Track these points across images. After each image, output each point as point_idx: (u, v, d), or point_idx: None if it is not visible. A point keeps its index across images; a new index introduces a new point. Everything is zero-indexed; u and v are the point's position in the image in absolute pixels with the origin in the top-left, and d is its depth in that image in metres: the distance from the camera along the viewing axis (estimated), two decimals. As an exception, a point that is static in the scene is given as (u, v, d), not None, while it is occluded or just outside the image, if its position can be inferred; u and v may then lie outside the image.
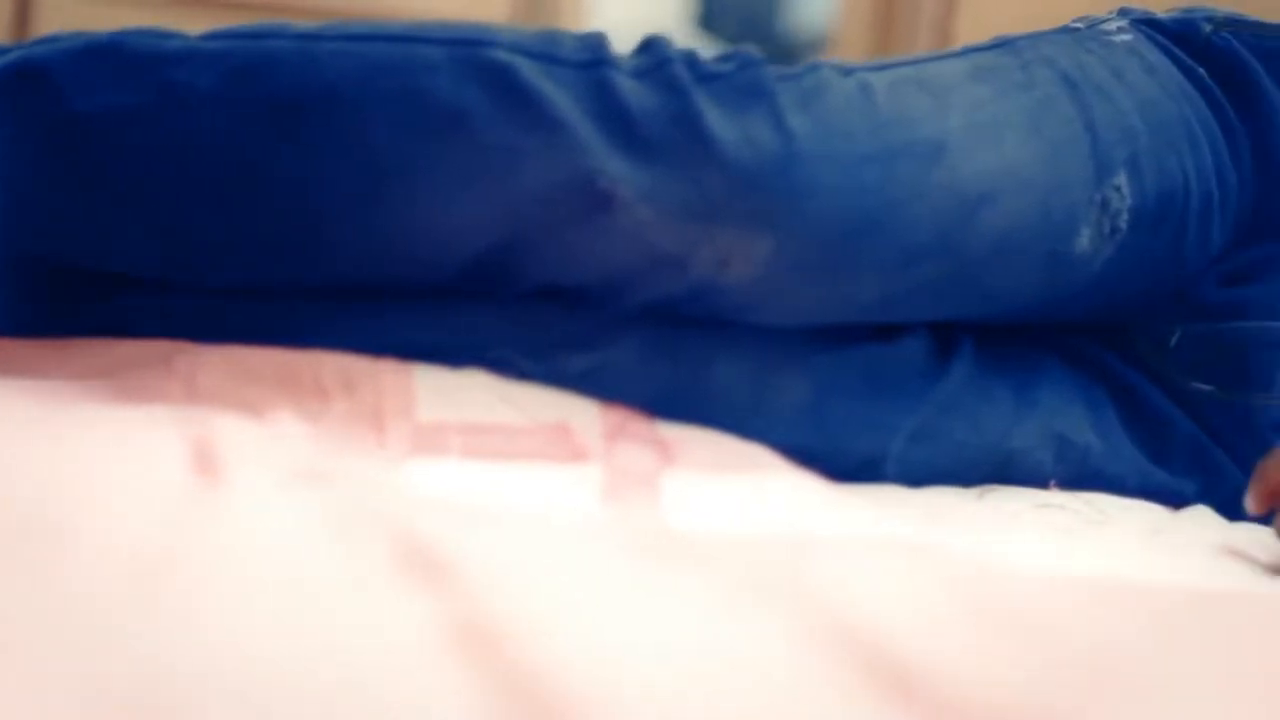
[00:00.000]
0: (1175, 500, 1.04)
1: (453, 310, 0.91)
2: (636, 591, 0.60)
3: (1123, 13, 1.13)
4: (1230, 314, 1.07)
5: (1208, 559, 0.86)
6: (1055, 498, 0.97)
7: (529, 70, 0.87)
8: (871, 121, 0.91)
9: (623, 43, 0.91)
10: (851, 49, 3.23)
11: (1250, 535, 0.92)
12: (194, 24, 0.97)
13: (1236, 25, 1.11)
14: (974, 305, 0.99)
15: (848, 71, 0.94)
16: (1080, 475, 1.03)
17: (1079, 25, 1.10)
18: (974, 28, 3.43)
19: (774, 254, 0.87)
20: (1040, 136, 0.97)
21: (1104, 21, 1.10)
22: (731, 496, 0.80)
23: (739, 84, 0.88)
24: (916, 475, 0.97)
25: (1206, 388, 1.07)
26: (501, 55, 0.87)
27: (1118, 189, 0.99)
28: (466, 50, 0.88)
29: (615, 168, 0.85)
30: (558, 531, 0.66)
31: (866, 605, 0.59)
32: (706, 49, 0.91)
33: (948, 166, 0.92)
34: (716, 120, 0.86)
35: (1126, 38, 1.08)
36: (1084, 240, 0.99)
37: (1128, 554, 0.84)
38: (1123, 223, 1.00)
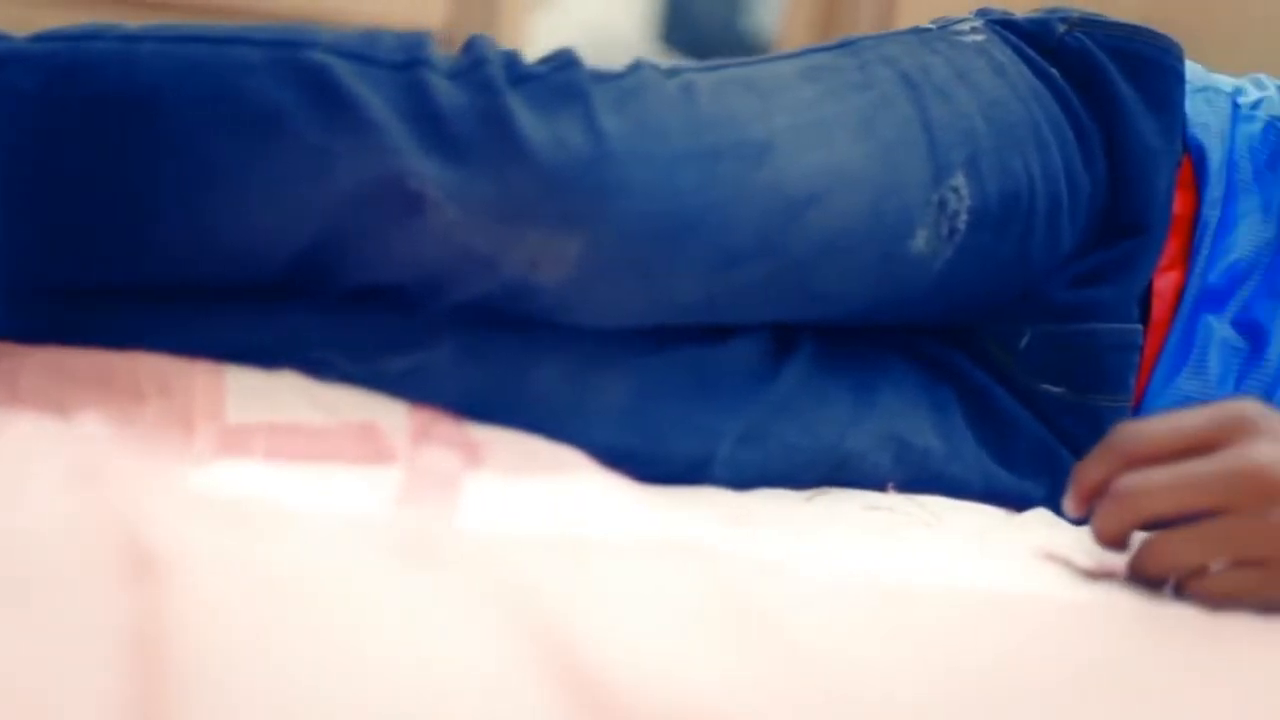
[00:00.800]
0: (1021, 502, 1.04)
1: (276, 311, 0.91)
2: (380, 597, 0.60)
3: (981, 13, 1.13)
4: (1080, 315, 1.07)
5: (1022, 562, 0.85)
6: (886, 500, 0.96)
7: (344, 71, 0.86)
8: (691, 122, 0.91)
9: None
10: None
11: (1079, 538, 0.91)
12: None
13: (1090, 25, 1.10)
14: (807, 306, 0.98)
15: (673, 72, 0.94)
16: (920, 478, 1.02)
17: (930, 26, 1.09)
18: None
19: (584, 255, 0.87)
20: (873, 137, 0.96)
21: (958, 22, 1.10)
22: (531, 499, 0.79)
23: (553, 85, 0.88)
24: (746, 478, 0.96)
25: (1056, 389, 1.07)
26: (318, 56, 0.87)
27: (955, 190, 0.99)
28: (283, 51, 0.87)
29: (425, 168, 0.85)
30: (312, 532, 0.65)
31: (594, 615, 0.58)
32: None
33: (772, 167, 0.92)
34: (527, 121, 0.86)
35: (979, 38, 1.08)
36: (920, 241, 0.98)
37: (937, 557, 0.84)
38: (961, 224, 1.00)
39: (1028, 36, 1.10)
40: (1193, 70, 1.17)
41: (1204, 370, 1.07)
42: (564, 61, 0.90)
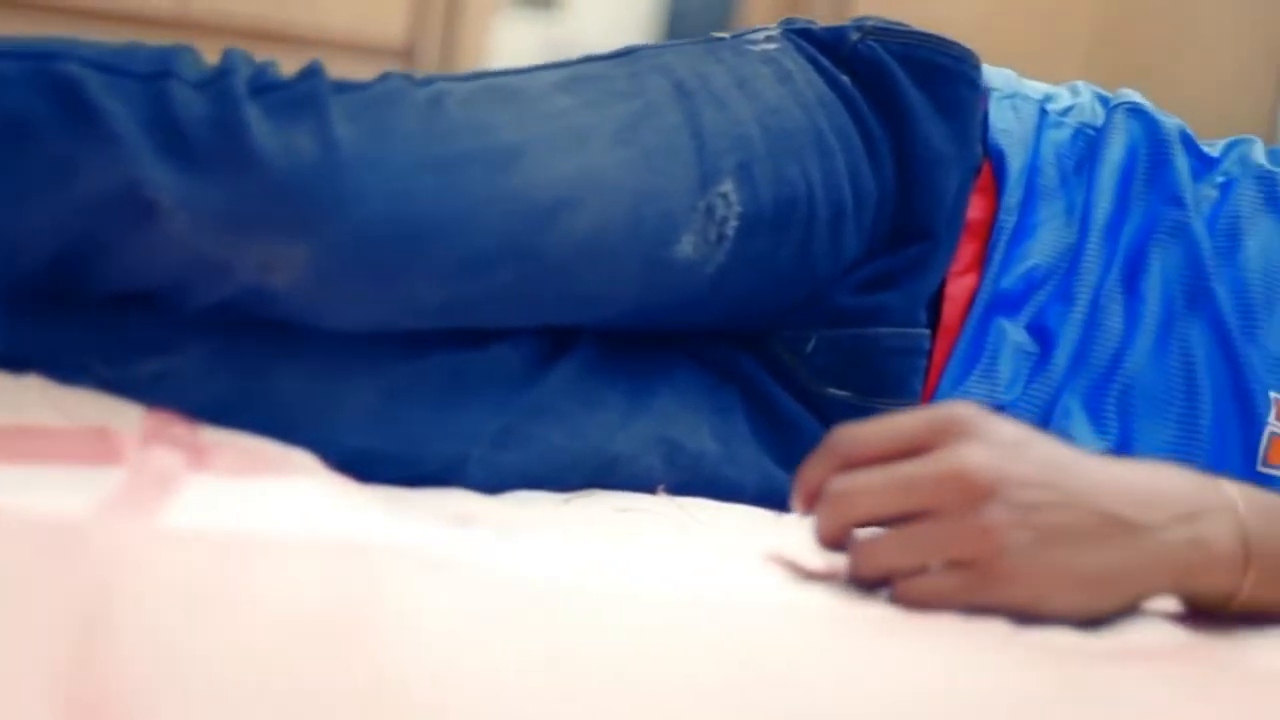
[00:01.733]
0: (802, 505, 1.05)
1: (32, 314, 0.93)
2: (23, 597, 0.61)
3: (785, 23, 1.14)
4: (866, 320, 1.08)
5: (756, 565, 0.86)
6: (641, 502, 0.97)
7: (94, 83, 0.89)
8: (434, 129, 0.92)
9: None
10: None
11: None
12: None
13: (883, 33, 1.11)
14: (572, 310, 1.00)
15: (426, 82, 0.95)
16: (693, 480, 1.03)
17: (724, 35, 1.11)
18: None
19: (314, 260, 0.88)
20: (633, 144, 0.98)
21: (754, 32, 1.11)
22: (244, 500, 0.81)
23: (292, 95, 0.90)
24: (502, 479, 0.97)
25: (841, 393, 1.08)
26: (71, 69, 0.89)
27: (724, 196, 1.00)
28: (39, 64, 0.90)
29: (159, 176, 0.87)
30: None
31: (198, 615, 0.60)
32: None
33: (521, 173, 0.93)
34: (260, 130, 0.88)
35: (770, 47, 1.09)
36: (687, 246, 0.99)
37: (663, 559, 0.85)
38: (730, 230, 1.01)
39: (823, 45, 1.11)
40: (1002, 77, 1.18)
41: (994, 374, 1.08)
42: (308, 72, 0.91)
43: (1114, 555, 0.83)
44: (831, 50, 1.11)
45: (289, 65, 0.93)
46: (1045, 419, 1.07)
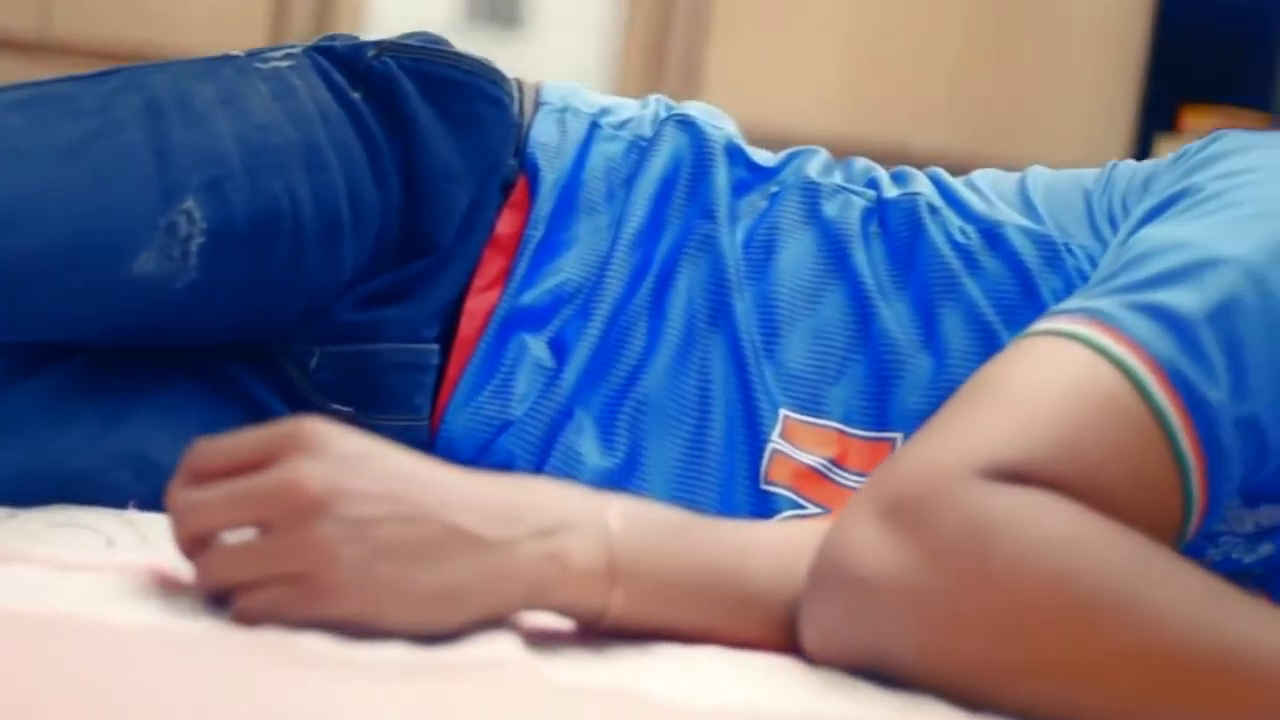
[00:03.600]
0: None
1: None
2: None
3: (327, 39, 1.15)
4: (368, 336, 1.08)
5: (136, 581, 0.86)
6: (90, 517, 0.97)
7: None
8: None
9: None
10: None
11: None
12: None
13: (399, 50, 1.12)
14: (31, 329, 1.00)
15: None
16: (167, 495, 1.03)
17: (236, 54, 1.11)
18: (725, 58, 3.45)
19: None
20: (81, 163, 0.99)
21: (272, 50, 1.12)
22: None
23: None
24: None
25: (345, 409, 1.08)
26: None
27: (187, 213, 1.01)
28: None
29: None
30: None
31: None
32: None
33: None
34: None
35: (282, 64, 1.10)
36: (148, 264, 1.00)
37: (56, 577, 0.85)
38: (195, 246, 1.01)
39: (340, 62, 1.11)
40: (558, 90, 1.18)
41: (508, 390, 1.08)
42: None
43: (458, 569, 0.82)
44: (348, 66, 1.11)
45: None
46: (554, 434, 1.07)
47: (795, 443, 1.06)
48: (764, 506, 1.05)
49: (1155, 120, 2.70)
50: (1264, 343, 0.88)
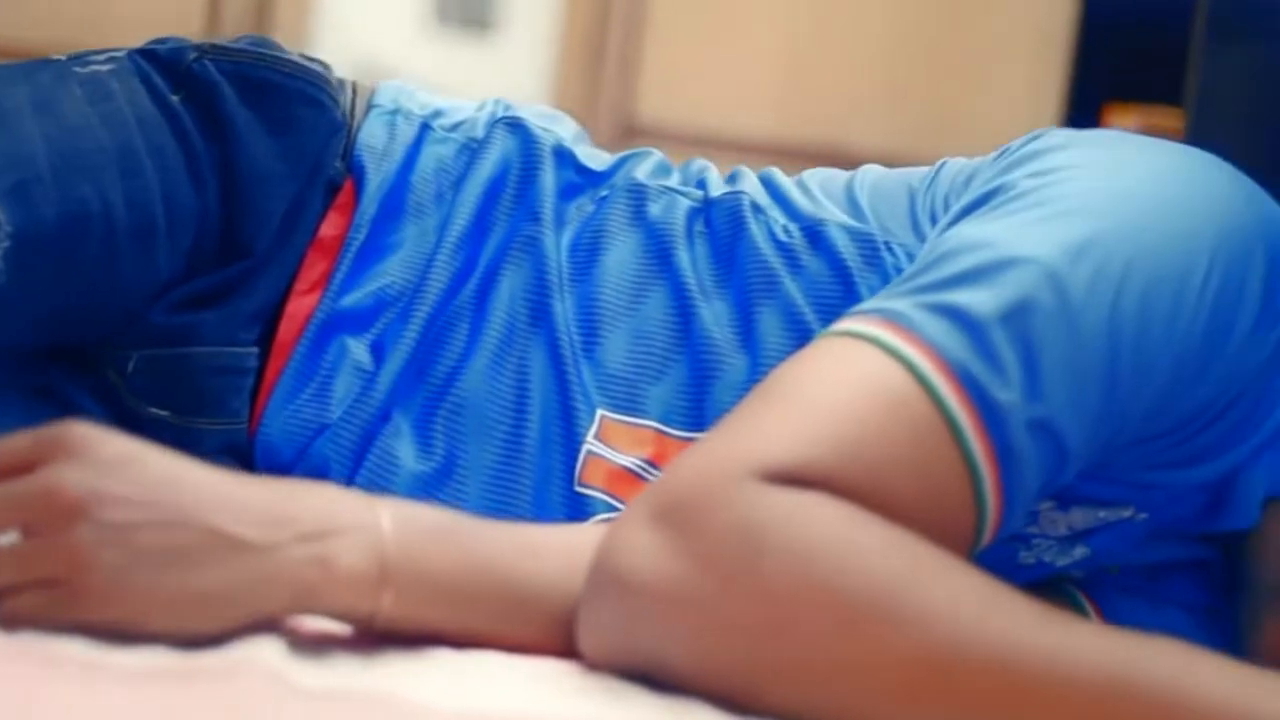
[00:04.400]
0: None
1: None
2: None
3: (155, 42, 1.14)
4: (182, 339, 1.07)
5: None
6: None
7: None
8: None
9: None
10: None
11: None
12: None
13: (219, 53, 1.11)
14: None
15: None
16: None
17: (58, 57, 1.11)
18: (660, 61, 3.45)
19: None
20: None
21: (95, 53, 1.11)
22: None
23: None
24: None
25: (162, 413, 1.07)
26: None
27: None
28: None
29: None
30: None
31: None
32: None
33: None
34: None
35: (102, 68, 1.09)
36: None
37: None
38: (1, 250, 1.00)
39: (162, 65, 1.11)
40: (391, 92, 1.17)
41: (327, 393, 1.08)
42: None
43: (220, 574, 0.82)
44: (170, 70, 1.11)
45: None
46: (370, 437, 1.07)
47: (611, 444, 1.05)
48: (578, 509, 1.05)
49: (1080, 118, 2.71)
50: (1060, 344, 0.87)
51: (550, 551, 0.89)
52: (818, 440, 0.84)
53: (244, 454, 1.07)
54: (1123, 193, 0.93)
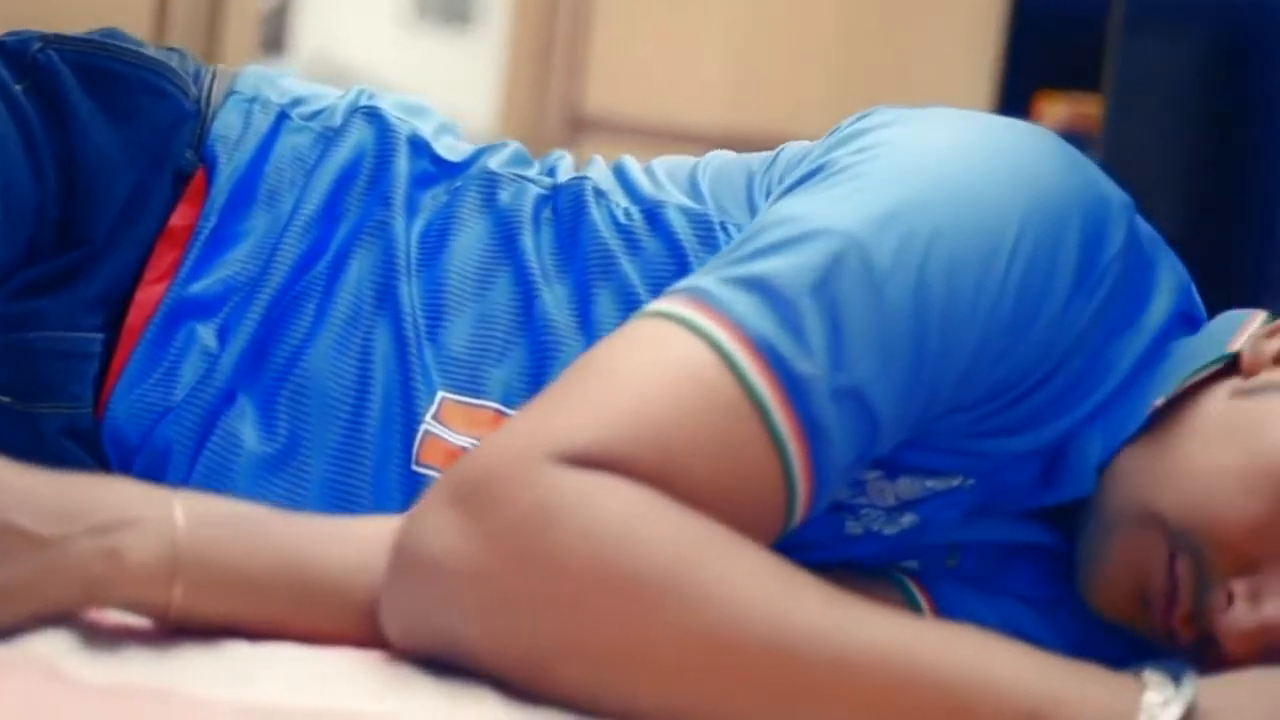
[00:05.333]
0: None
1: None
2: None
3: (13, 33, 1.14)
4: (21, 325, 1.06)
5: None
6: None
7: None
8: None
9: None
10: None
11: None
12: None
13: (64, 43, 1.11)
14: None
15: None
16: None
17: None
18: (608, 53, 3.45)
19: None
20: None
21: None
22: None
23: None
24: None
25: (5, 399, 1.07)
26: None
27: None
28: None
29: None
30: None
31: None
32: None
33: None
34: None
35: None
36: None
37: None
38: None
39: (7, 56, 1.11)
40: (253, 79, 1.17)
41: (174, 377, 1.07)
42: None
43: (10, 568, 0.82)
44: (14, 60, 1.10)
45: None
46: (213, 418, 1.06)
47: (449, 425, 1.05)
48: (416, 489, 1.04)
49: (1011, 107, 2.72)
50: (865, 313, 0.87)
51: (351, 540, 0.89)
52: (618, 424, 0.84)
53: (88, 438, 1.07)
54: (933, 166, 0.93)
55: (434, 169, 1.15)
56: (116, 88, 1.11)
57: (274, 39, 5.25)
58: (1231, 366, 1.00)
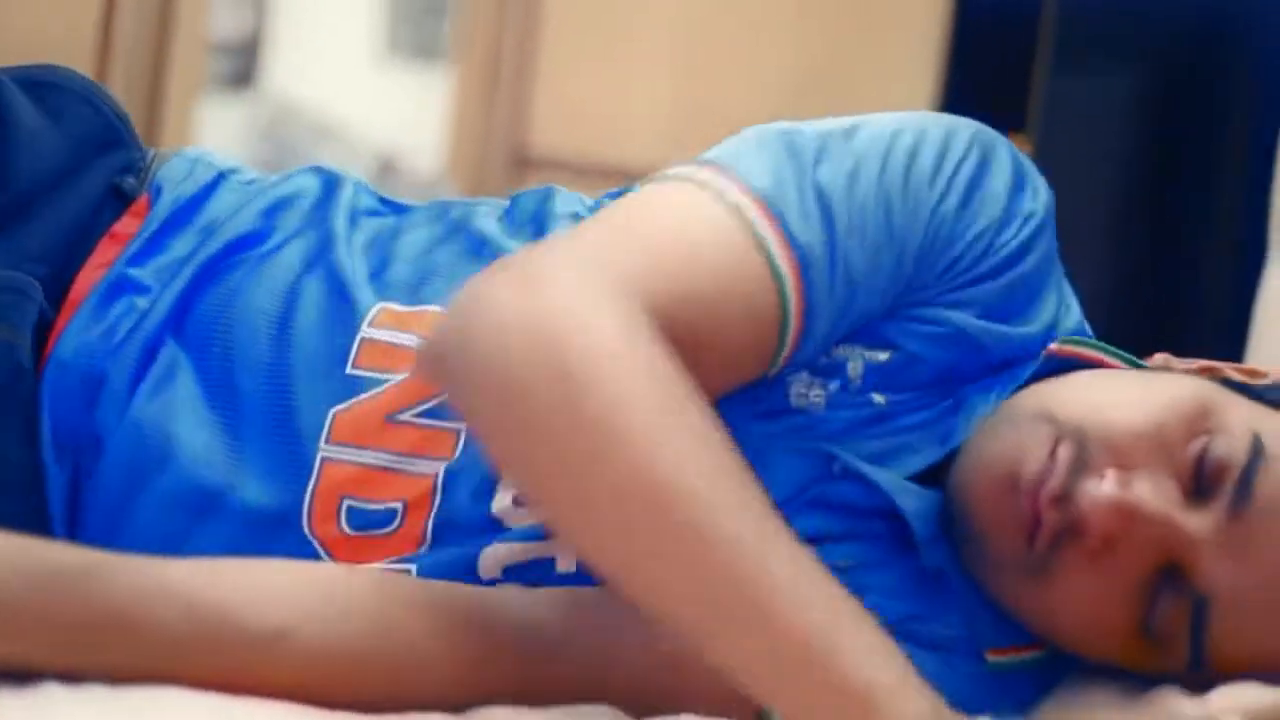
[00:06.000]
0: None
1: None
2: None
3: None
4: None
5: None
6: None
7: None
8: None
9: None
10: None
11: None
12: None
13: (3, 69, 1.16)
14: None
15: None
16: None
17: None
18: (553, 92, 3.50)
19: None
20: None
21: None
22: None
23: None
24: None
25: None
26: None
27: None
28: None
29: None
30: None
31: None
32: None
33: None
34: None
35: None
36: None
37: None
38: None
39: None
40: (194, 151, 1.22)
41: (112, 334, 1.09)
42: None
43: None
44: None
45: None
46: (149, 361, 1.09)
47: (390, 327, 1.09)
48: (348, 392, 1.07)
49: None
50: (845, 197, 1.02)
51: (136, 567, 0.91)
52: (654, 267, 0.97)
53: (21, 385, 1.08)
54: (888, 118, 1.09)
55: (381, 207, 1.20)
56: (54, 94, 1.15)
57: (243, 73, 5.22)
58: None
